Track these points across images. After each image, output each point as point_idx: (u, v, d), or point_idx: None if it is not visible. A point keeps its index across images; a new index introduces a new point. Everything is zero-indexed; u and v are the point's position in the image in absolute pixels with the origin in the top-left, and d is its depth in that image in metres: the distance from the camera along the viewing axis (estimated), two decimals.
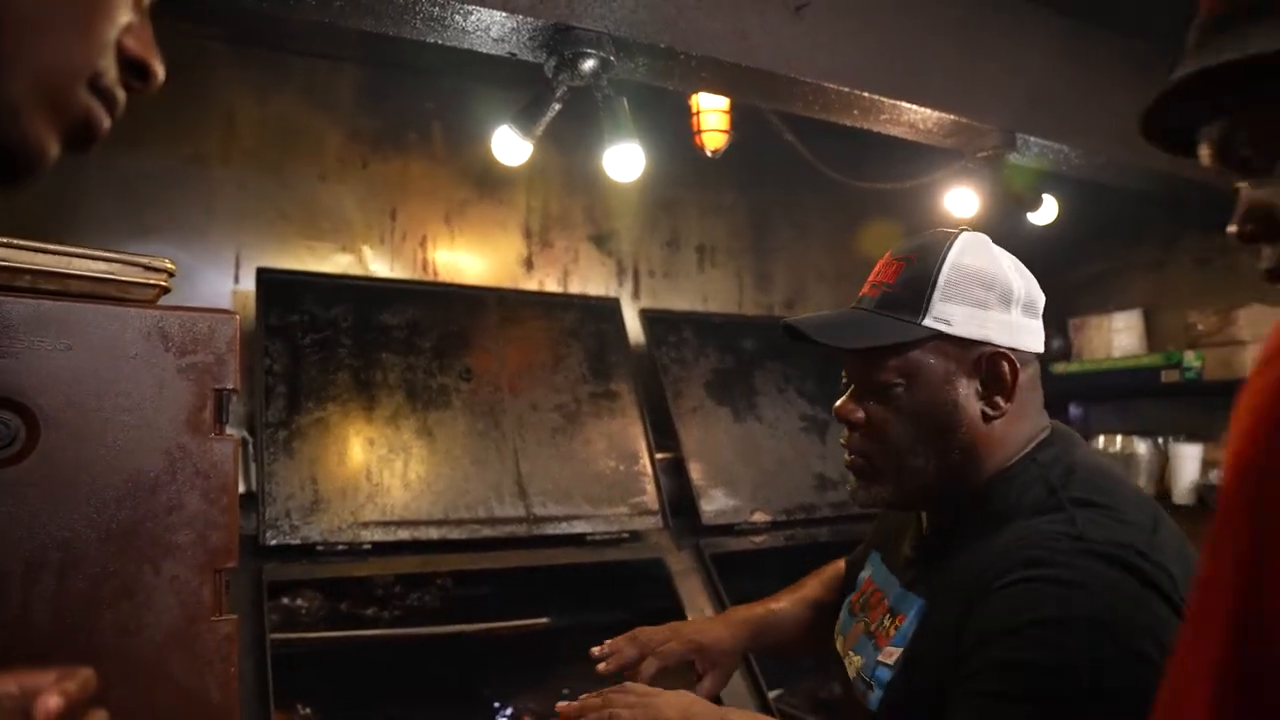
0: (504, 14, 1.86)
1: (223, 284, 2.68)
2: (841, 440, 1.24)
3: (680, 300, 3.45)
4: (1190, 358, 3.43)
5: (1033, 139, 2.61)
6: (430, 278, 2.96)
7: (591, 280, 3.26)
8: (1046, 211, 2.85)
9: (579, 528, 2.54)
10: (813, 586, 1.63)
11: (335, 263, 2.82)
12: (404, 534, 2.29)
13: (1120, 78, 2.90)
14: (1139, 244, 3.81)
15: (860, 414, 1.18)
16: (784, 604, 1.59)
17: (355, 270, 2.83)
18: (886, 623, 1.20)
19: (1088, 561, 0.96)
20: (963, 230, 1.21)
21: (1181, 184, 3.09)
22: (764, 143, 3.10)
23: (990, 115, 2.52)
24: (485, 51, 2.00)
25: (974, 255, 1.16)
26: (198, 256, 2.65)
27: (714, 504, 2.82)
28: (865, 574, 1.37)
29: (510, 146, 2.17)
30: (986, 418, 1.14)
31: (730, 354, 3.20)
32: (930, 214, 3.29)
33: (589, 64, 1.95)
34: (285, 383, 2.33)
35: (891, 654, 1.13)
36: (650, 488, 2.73)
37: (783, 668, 2.82)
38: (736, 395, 3.11)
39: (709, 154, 2.67)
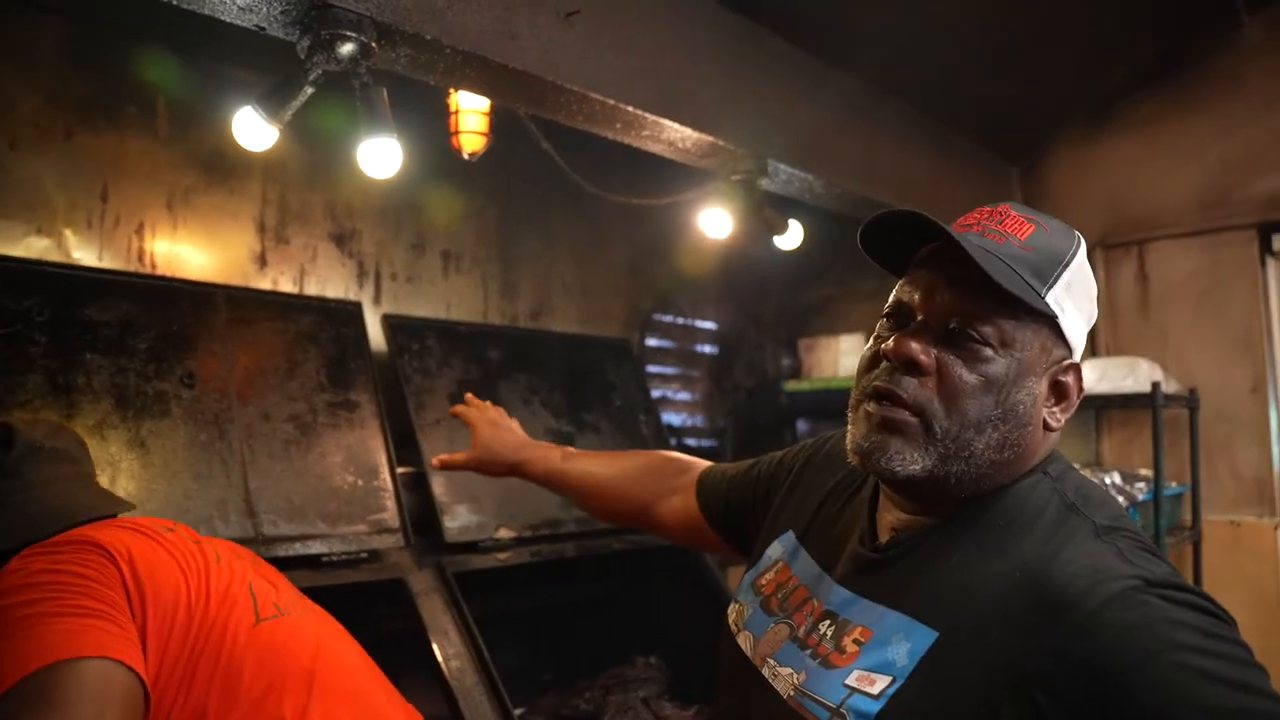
0: None
1: None
2: (881, 380, 1.00)
3: (423, 307, 3.30)
4: None
5: (782, 166, 2.73)
6: (148, 270, 2.64)
7: (330, 281, 3.05)
8: (793, 236, 3.00)
9: (314, 548, 2.35)
10: (630, 469, 1.70)
11: (28, 246, 2.44)
12: None
13: (850, 115, 3.11)
14: (862, 273, 4.11)
15: (929, 358, 0.98)
16: (586, 466, 1.73)
17: (54, 257, 2.47)
18: (828, 631, 1.04)
19: (1173, 603, 0.85)
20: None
21: None
22: (517, 149, 3.04)
23: (745, 140, 2.61)
24: (229, 21, 1.80)
25: (1087, 263, 1.06)
26: None
27: (457, 520, 2.71)
28: (775, 555, 1.23)
29: (253, 130, 1.96)
30: (1047, 427, 1.03)
31: (476, 364, 3.10)
32: (682, 231, 3.37)
33: (347, 48, 1.81)
34: None
35: (874, 681, 0.95)
36: (391, 504, 2.58)
37: (526, 686, 2.76)
38: None
39: (465, 156, 2.58)
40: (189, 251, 2.75)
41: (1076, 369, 1.04)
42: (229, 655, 1.29)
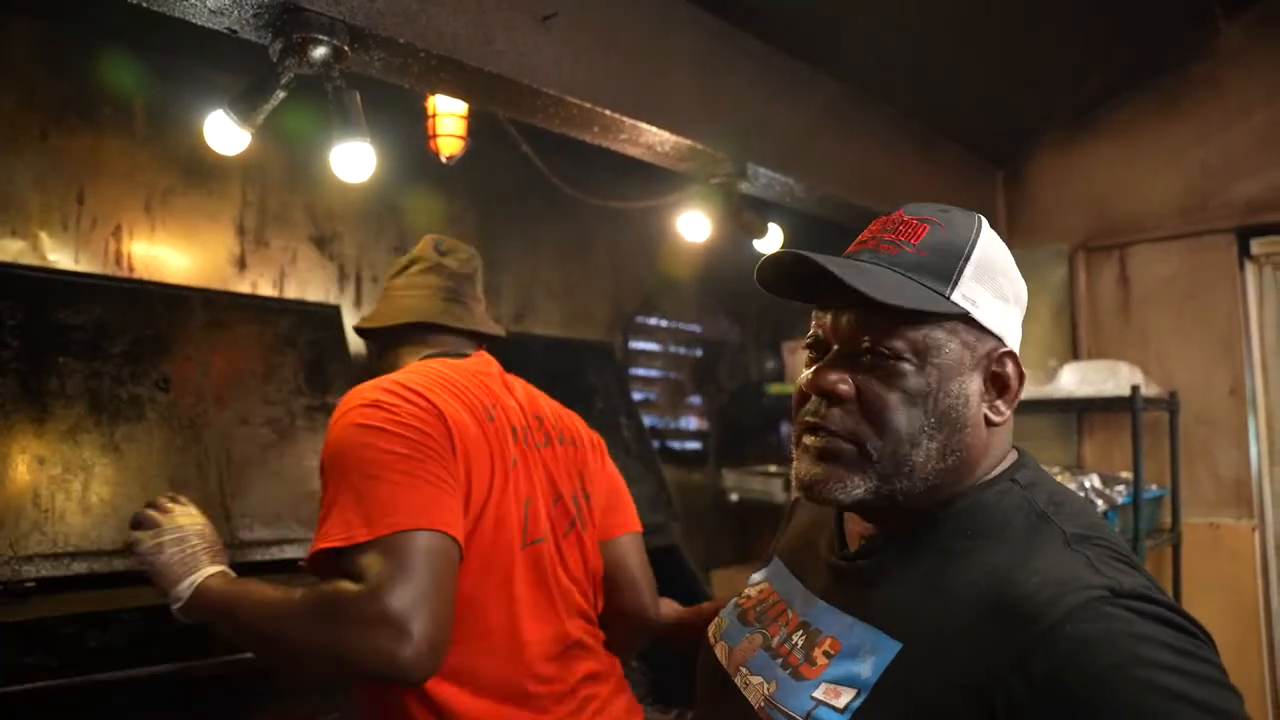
0: None
1: None
2: (810, 415, 1.01)
3: None
4: None
5: (761, 169, 2.73)
6: (125, 273, 2.62)
7: (311, 284, 3.03)
8: (772, 240, 2.99)
9: (290, 552, 2.33)
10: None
11: (3, 249, 2.43)
12: (80, 567, 1.99)
13: (832, 119, 3.11)
14: None
15: (848, 386, 0.98)
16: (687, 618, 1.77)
17: (29, 259, 2.45)
18: (799, 642, 1.03)
19: (1142, 616, 0.81)
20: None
21: None
22: (498, 153, 3.04)
23: (724, 143, 2.61)
24: (200, 24, 1.79)
25: (997, 242, 1.03)
26: None
27: None
28: (759, 576, 1.24)
29: (225, 134, 1.95)
30: (989, 422, 1.00)
31: None
32: (665, 234, 3.36)
33: (320, 51, 1.80)
34: None
35: (839, 694, 0.93)
36: None
37: None
38: None
39: (444, 160, 2.57)
40: (167, 254, 2.73)
41: (1011, 356, 1.01)
42: (505, 568, 1.46)
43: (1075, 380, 3.49)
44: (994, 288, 0.99)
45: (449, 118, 2.49)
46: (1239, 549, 3.47)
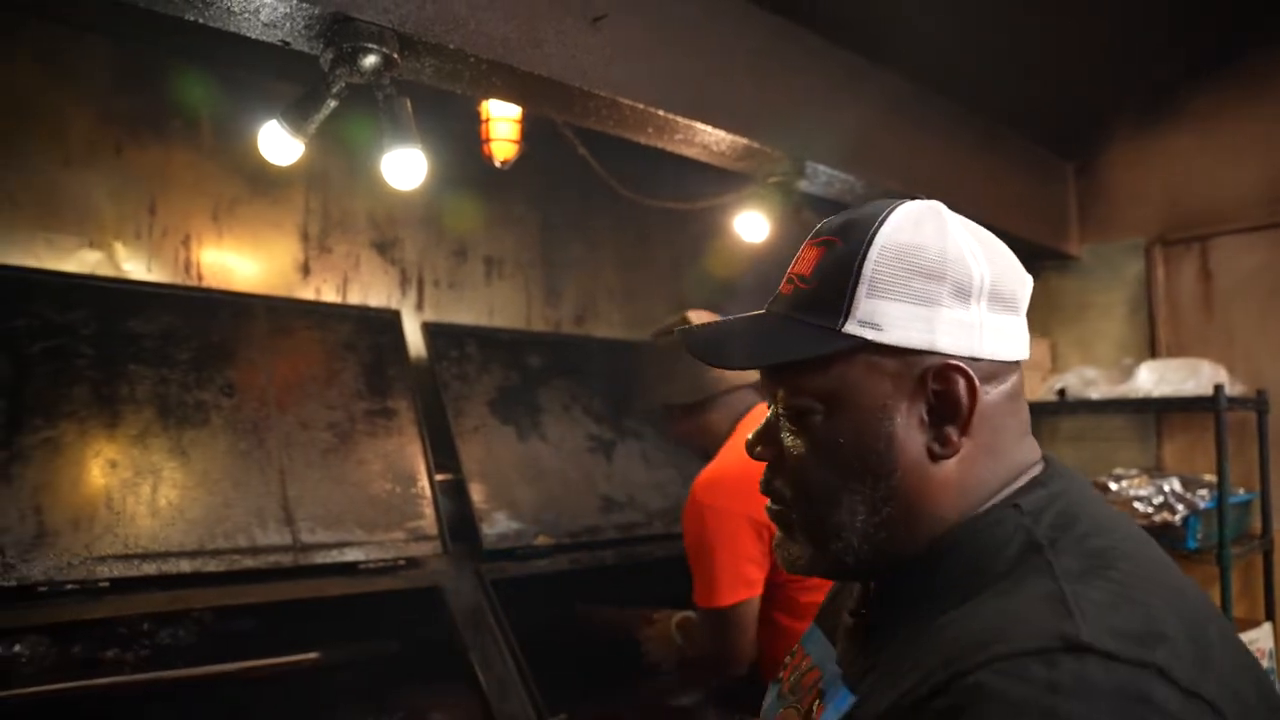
0: None
1: None
2: (763, 483, 0.95)
3: (466, 313, 3.32)
4: None
5: (821, 167, 2.68)
6: (194, 281, 2.69)
7: (373, 289, 3.08)
8: None
9: (350, 555, 2.37)
10: None
11: (81, 260, 2.51)
12: (150, 568, 2.05)
13: (893, 114, 3.04)
14: None
15: (767, 449, 0.92)
16: None
17: (105, 269, 2.53)
18: (813, 704, 0.93)
19: (1085, 688, 0.64)
20: (906, 200, 0.89)
21: None
22: (557, 155, 3.04)
23: (781, 141, 2.57)
24: (255, 37, 1.82)
25: (915, 231, 0.84)
26: None
27: (496, 527, 2.71)
28: (803, 645, 1.10)
29: (279, 144, 1.99)
30: (934, 456, 0.84)
31: (516, 370, 3.10)
32: (726, 234, 3.33)
33: (370, 60, 1.81)
34: (5, 397, 2.04)
35: None
36: (429, 511, 2.59)
37: (565, 694, 2.75)
38: (521, 414, 3.02)
39: (498, 164, 2.58)
40: (234, 261, 2.80)
41: (955, 370, 0.83)
42: None
43: (1153, 379, 3.36)
44: (911, 293, 0.83)
45: (502, 122, 2.50)
46: None
